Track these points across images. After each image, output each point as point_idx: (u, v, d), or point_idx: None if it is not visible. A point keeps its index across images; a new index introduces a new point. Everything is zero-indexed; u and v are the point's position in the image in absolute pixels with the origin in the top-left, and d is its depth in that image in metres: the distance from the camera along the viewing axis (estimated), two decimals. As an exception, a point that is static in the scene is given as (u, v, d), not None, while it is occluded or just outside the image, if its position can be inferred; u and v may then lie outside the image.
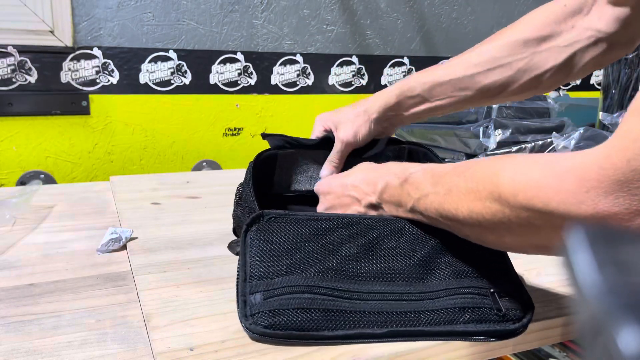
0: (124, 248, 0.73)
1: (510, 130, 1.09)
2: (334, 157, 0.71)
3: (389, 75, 1.59)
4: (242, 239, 0.55)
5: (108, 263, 0.69)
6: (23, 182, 1.23)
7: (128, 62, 1.29)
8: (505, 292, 0.54)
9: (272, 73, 1.44)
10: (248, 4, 1.38)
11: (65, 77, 1.23)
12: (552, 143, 1.05)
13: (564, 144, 1.03)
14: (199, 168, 1.41)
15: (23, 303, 0.58)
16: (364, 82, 1.56)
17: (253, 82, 1.42)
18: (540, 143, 1.07)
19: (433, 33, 1.63)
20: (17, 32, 1.18)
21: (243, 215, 0.65)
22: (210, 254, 0.71)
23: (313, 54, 1.48)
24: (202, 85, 1.37)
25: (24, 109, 1.21)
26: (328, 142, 0.74)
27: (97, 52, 1.25)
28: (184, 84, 1.35)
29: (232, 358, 0.47)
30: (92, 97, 1.26)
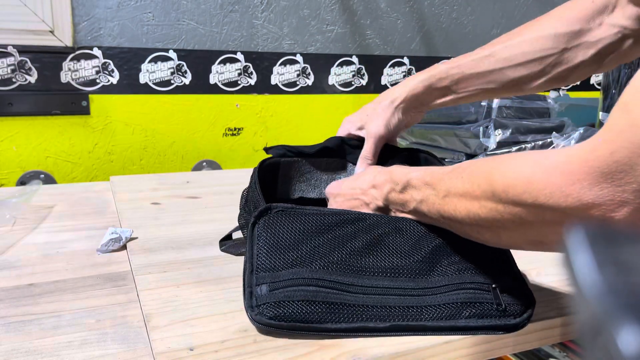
0: (124, 248, 0.73)
1: (510, 130, 1.09)
2: (368, 152, 0.71)
3: (389, 75, 1.59)
4: (249, 232, 0.56)
5: (108, 263, 0.69)
6: (23, 182, 1.23)
7: (128, 62, 1.29)
8: (507, 287, 0.55)
9: (272, 73, 1.44)
10: (248, 4, 1.38)
11: (65, 77, 1.23)
12: (552, 143, 1.05)
13: (564, 144, 1.03)
14: (199, 168, 1.41)
15: (23, 303, 0.58)
16: (364, 82, 1.56)
17: (253, 82, 1.42)
18: (540, 143, 1.07)
19: (433, 33, 1.63)
20: (17, 32, 1.18)
21: (249, 215, 0.65)
22: (210, 254, 0.71)
23: (313, 54, 1.48)
24: (202, 85, 1.37)
25: (24, 109, 1.21)
26: (328, 149, 0.76)
27: (97, 52, 1.25)
28: (184, 84, 1.35)
29: (232, 358, 0.48)
30: (92, 97, 1.26)
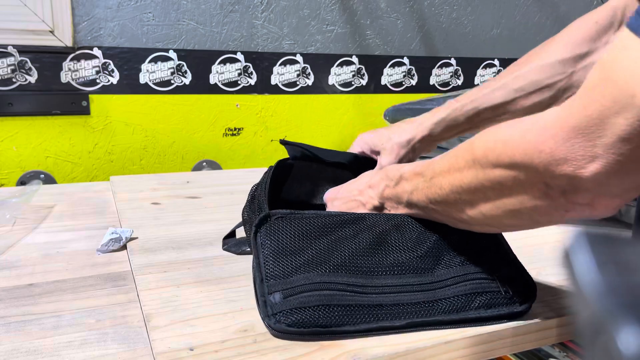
0: (124, 248, 0.73)
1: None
2: None
3: (389, 76, 1.59)
4: (252, 241, 0.56)
5: (108, 263, 0.69)
6: (23, 182, 1.23)
7: (128, 62, 1.29)
8: (509, 275, 0.56)
9: (272, 73, 1.44)
10: (248, 4, 1.38)
11: (65, 77, 1.23)
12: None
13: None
14: (199, 168, 1.41)
15: (23, 303, 0.58)
16: (364, 82, 1.56)
17: (253, 82, 1.42)
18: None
19: (433, 33, 1.63)
20: (17, 32, 1.18)
21: (253, 214, 0.66)
22: (210, 254, 0.71)
23: (313, 54, 1.48)
24: (202, 85, 1.37)
25: (24, 109, 1.21)
26: (342, 165, 0.77)
27: (97, 52, 1.25)
28: (184, 84, 1.35)
29: (232, 358, 0.48)
30: (92, 97, 1.26)
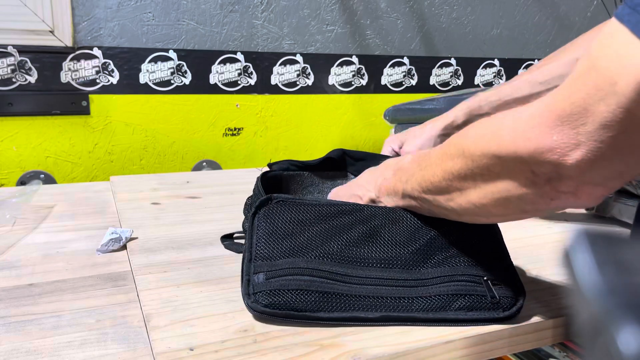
0: (124, 248, 0.73)
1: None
2: None
3: (389, 76, 1.59)
4: (249, 222, 0.57)
5: (108, 263, 0.69)
6: (23, 182, 1.23)
7: (128, 62, 1.29)
8: (499, 279, 0.55)
9: (272, 73, 1.44)
10: (248, 4, 1.38)
11: (65, 77, 1.23)
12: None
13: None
14: (199, 168, 1.41)
15: (23, 303, 0.58)
16: (364, 82, 1.56)
17: (253, 82, 1.42)
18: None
19: (433, 33, 1.63)
20: (17, 32, 1.18)
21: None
22: (210, 254, 0.71)
23: (313, 54, 1.48)
24: (202, 85, 1.37)
25: (24, 109, 1.21)
26: (331, 160, 0.77)
27: (97, 52, 1.25)
28: (184, 84, 1.35)
29: (232, 358, 0.48)
30: (92, 97, 1.26)
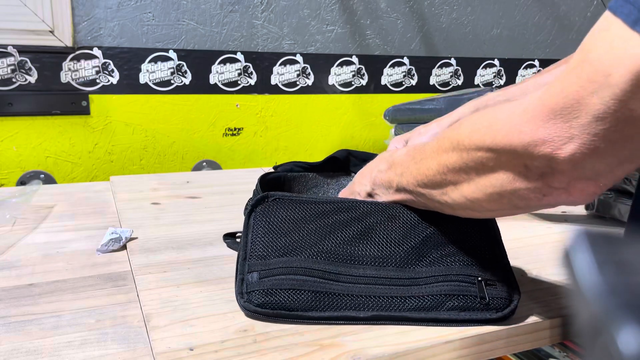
0: (124, 248, 0.73)
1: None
2: None
3: (389, 75, 1.59)
4: (245, 220, 0.57)
5: (108, 263, 0.69)
6: (23, 182, 1.23)
7: (128, 62, 1.29)
8: (493, 280, 0.55)
9: (272, 73, 1.44)
10: (248, 4, 1.38)
11: (65, 77, 1.23)
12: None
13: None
14: (199, 168, 1.41)
15: (23, 303, 0.58)
16: (364, 82, 1.56)
17: (253, 82, 1.42)
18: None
19: (433, 33, 1.63)
20: (17, 32, 1.18)
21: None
22: (210, 254, 0.71)
23: (313, 54, 1.48)
24: (202, 85, 1.37)
25: (24, 109, 1.21)
26: (336, 161, 0.76)
27: (97, 52, 1.25)
28: (184, 84, 1.35)
29: (232, 358, 0.48)
30: (92, 97, 1.26)
